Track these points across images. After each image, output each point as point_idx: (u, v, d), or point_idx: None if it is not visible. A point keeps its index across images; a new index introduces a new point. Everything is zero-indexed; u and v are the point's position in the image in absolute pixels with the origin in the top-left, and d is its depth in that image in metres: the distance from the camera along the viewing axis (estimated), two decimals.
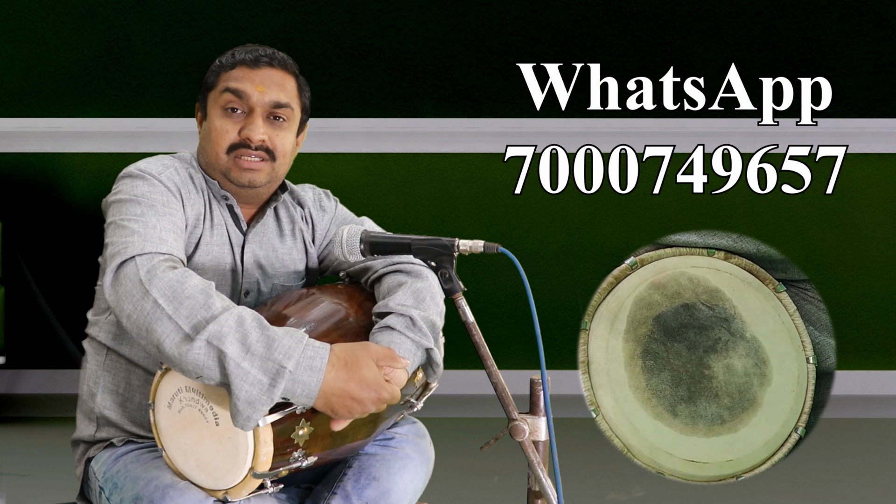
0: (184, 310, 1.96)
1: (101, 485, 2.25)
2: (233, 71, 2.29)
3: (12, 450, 4.35)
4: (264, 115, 2.28)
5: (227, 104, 2.27)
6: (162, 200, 2.16)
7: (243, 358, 1.94)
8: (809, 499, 3.85)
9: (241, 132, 2.26)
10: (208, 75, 2.33)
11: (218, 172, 2.29)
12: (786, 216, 5.17)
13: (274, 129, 2.29)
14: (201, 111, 2.35)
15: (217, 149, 2.27)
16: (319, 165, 5.09)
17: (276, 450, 2.02)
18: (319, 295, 2.24)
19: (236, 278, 2.31)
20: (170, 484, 2.09)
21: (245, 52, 2.31)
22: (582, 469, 4.05)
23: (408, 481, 2.30)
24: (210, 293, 1.98)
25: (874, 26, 5.11)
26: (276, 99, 2.28)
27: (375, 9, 5.07)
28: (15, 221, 5.00)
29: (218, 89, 2.29)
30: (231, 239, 2.31)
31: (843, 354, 3.97)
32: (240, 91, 2.26)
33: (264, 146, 2.27)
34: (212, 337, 1.94)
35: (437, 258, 2.17)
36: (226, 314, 1.96)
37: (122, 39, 5.04)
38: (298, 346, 1.97)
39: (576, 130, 5.08)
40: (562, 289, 5.13)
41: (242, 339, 1.95)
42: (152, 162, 2.27)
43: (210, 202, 2.30)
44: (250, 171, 2.27)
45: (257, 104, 2.27)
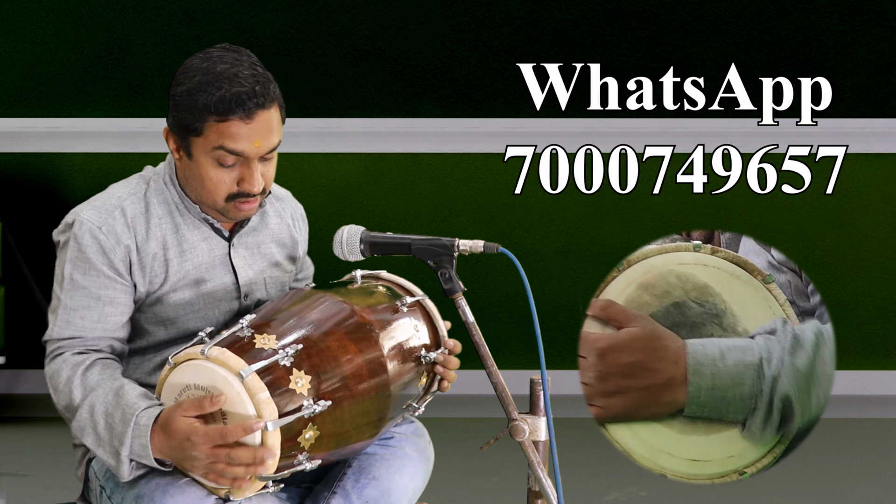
0: (60, 402, 2.19)
1: (101, 484, 2.25)
2: (225, 126, 2.16)
3: (12, 450, 4.35)
4: (261, 160, 2.22)
5: (220, 159, 2.19)
6: (95, 284, 2.20)
7: (97, 447, 2.12)
8: (809, 499, 3.85)
9: (241, 184, 2.20)
10: (187, 115, 2.18)
11: (212, 210, 2.26)
12: (786, 216, 5.17)
13: (265, 166, 2.23)
14: (180, 146, 2.23)
15: (214, 197, 2.22)
16: (319, 165, 5.09)
17: (282, 452, 2.02)
18: (325, 294, 2.24)
19: (231, 286, 2.31)
20: (170, 481, 2.09)
21: (232, 98, 2.14)
22: (582, 469, 4.05)
23: (407, 481, 2.30)
24: (72, 385, 2.15)
25: (874, 26, 5.11)
26: (272, 145, 2.21)
27: (375, 9, 5.07)
28: (15, 221, 5.00)
29: (208, 141, 2.18)
30: (214, 251, 2.30)
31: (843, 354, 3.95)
32: (237, 151, 2.18)
33: (261, 189, 2.23)
34: (75, 430, 2.16)
35: (437, 258, 2.17)
36: (81, 409, 2.14)
37: (122, 39, 5.04)
38: (127, 430, 2.08)
39: (576, 130, 5.08)
40: (562, 289, 5.13)
41: (94, 430, 2.12)
42: (100, 208, 2.23)
43: (178, 223, 2.28)
44: (248, 211, 2.25)
45: (254, 157, 2.20)
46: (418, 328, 2.29)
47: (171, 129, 2.25)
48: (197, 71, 2.20)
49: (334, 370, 2.09)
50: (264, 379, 2.02)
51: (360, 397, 2.12)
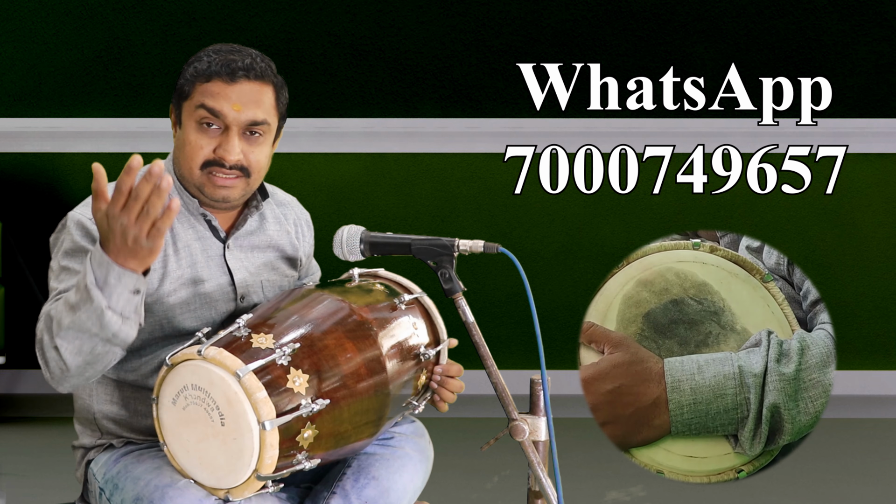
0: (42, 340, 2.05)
1: (101, 486, 2.25)
2: (208, 84, 2.22)
3: (12, 450, 4.35)
4: (240, 133, 2.23)
5: (201, 119, 2.22)
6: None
7: (74, 312, 1.99)
8: (809, 499, 3.85)
9: (217, 150, 2.22)
10: (183, 81, 2.25)
11: (192, 186, 2.27)
12: (786, 216, 5.17)
13: (250, 144, 2.24)
14: (176, 117, 2.28)
15: (191, 163, 2.23)
16: (319, 165, 5.09)
17: (280, 452, 2.02)
18: (322, 293, 2.23)
19: (227, 287, 2.31)
20: (169, 483, 2.09)
21: (221, 62, 2.22)
22: (582, 469, 4.05)
23: (407, 480, 2.29)
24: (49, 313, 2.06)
25: (874, 26, 5.11)
26: (253, 117, 2.22)
27: (375, 9, 5.07)
28: (15, 221, 5.00)
29: (193, 101, 2.23)
30: (209, 251, 2.30)
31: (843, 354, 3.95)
32: (215, 110, 2.21)
33: (239, 165, 2.24)
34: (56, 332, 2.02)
35: (437, 258, 2.17)
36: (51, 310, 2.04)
37: (122, 39, 5.04)
38: (86, 264, 1.98)
39: (576, 130, 5.08)
40: (562, 289, 5.13)
41: (68, 307, 2.00)
42: (89, 203, 2.23)
43: (172, 223, 2.28)
44: (224, 189, 2.25)
45: (233, 123, 2.21)
46: (416, 325, 2.28)
47: (173, 104, 2.30)
48: (204, 52, 2.27)
49: (332, 369, 2.09)
50: (262, 378, 2.01)
51: (359, 396, 2.12)
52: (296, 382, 2.04)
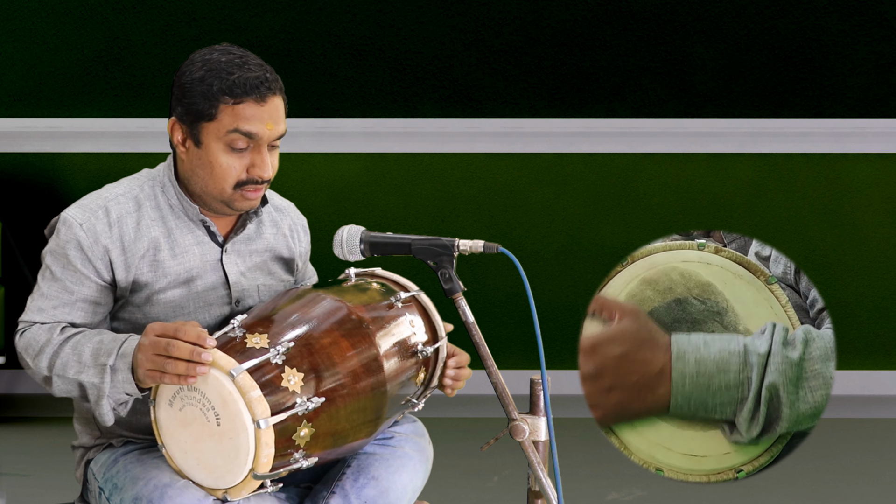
0: (37, 354, 2.19)
1: (100, 486, 2.25)
2: (239, 107, 2.18)
3: (12, 450, 4.35)
4: (268, 147, 2.24)
5: (233, 143, 2.20)
6: (70, 279, 2.23)
7: (80, 374, 2.13)
8: (809, 499, 3.85)
9: (251, 170, 2.21)
10: (200, 100, 2.19)
11: (216, 201, 2.26)
12: (786, 216, 5.17)
13: (272, 155, 2.25)
14: (188, 135, 2.23)
15: (223, 185, 2.22)
16: (319, 165, 5.09)
17: (276, 451, 2.02)
18: (318, 292, 2.23)
19: (222, 290, 2.31)
20: (168, 483, 2.09)
21: (246, 82, 2.18)
22: (582, 469, 4.05)
23: (407, 480, 2.30)
24: (52, 334, 2.19)
25: (874, 26, 5.11)
26: (281, 132, 2.24)
27: (375, 9, 5.08)
28: (15, 221, 5.00)
29: (221, 125, 2.19)
30: (206, 255, 2.30)
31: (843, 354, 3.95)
32: (252, 133, 2.19)
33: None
34: (57, 369, 2.16)
35: (437, 258, 2.17)
36: (63, 347, 2.16)
37: (122, 39, 5.04)
38: (116, 345, 2.11)
39: (576, 130, 5.08)
40: (562, 289, 5.13)
41: (78, 359, 2.13)
42: (85, 207, 2.25)
43: (171, 227, 2.28)
44: (254, 200, 2.26)
45: (266, 140, 2.22)
46: (414, 323, 2.28)
47: (180, 119, 2.24)
48: (205, 62, 2.22)
49: (328, 368, 2.09)
50: (256, 377, 2.01)
51: (356, 394, 2.12)
52: (291, 381, 2.04)
